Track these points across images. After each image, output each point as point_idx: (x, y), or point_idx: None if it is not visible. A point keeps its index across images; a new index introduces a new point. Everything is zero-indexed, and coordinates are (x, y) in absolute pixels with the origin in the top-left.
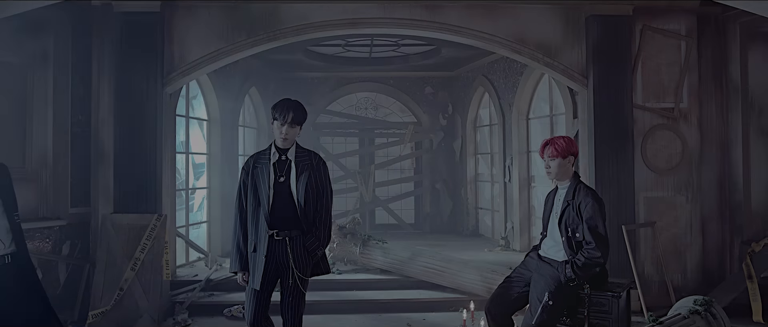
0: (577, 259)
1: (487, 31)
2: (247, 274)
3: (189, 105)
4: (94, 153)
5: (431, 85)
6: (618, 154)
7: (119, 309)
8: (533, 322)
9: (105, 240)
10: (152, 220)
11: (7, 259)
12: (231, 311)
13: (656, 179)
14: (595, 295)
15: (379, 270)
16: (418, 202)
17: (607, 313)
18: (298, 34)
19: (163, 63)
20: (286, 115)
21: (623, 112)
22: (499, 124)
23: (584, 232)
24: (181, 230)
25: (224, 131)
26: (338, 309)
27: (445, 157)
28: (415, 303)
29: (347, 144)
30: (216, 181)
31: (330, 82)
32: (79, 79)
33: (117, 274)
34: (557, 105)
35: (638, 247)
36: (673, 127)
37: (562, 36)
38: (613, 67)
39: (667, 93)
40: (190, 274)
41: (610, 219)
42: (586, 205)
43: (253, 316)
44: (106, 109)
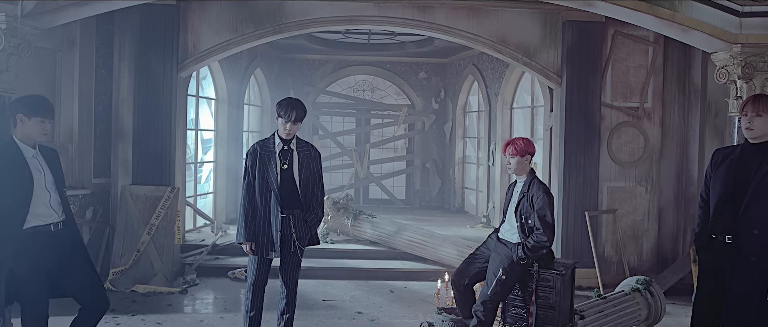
0: (528, 241)
1: (472, 32)
2: (252, 244)
3: (199, 85)
4: (115, 130)
5: (425, 70)
6: (586, 147)
7: (136, 268)
8: (489, 292)
9: (124, 208)
10: (166, 192)
11: (59, 225)
12: (234, 273)
13: (619, 171)
14: (542, 272)
15: (368, 241)
16: (409, 179)
17: (552, 287)
18: (300, 28)
19: (178, 50)
20: (289, 113)
21: (592, 110)
22: (486, 111)
23: (535, 220)
24: (189, 200)
25: (230, 110)
26: (330, 275)
27: (435, 138)
28: (398, 272)
29: (345, 123)
30: (222, 156)
31: (330, 64)
32: (102, 63)
33: (134, 237)
34: (538, 97)
35: (600, 231)
36: (637, 125)
37: (540, 38)
38: (586, 68)
39: (634, 93)
40: (197, 239)
41: (575, 206)
42: (537, 198)
43: (257, 277)
44: (126, 91)
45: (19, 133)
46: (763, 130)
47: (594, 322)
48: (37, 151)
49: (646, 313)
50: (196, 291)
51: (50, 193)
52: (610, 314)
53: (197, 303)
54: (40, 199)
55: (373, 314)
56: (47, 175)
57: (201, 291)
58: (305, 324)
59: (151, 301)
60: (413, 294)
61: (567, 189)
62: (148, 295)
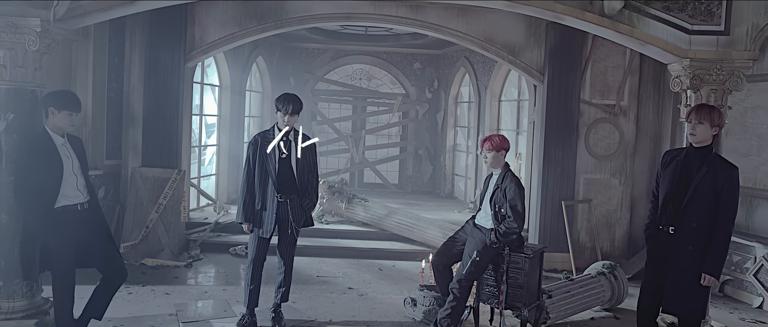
0: (500, 228)
1: (461, 30)
2: (251, 225)
3: (204, 72)
4: (126, 115)
5: (420, 61)
6: (564, 140)
7: (145, 243)
8: (464, 272)
9: (134, 188)
10: (173, 174)
11: (85, 205)
12: (235, 250)
13: (595, 164)
14: (512, 255)
15: (360, 223)
16: (402, 165)
17: (521, 269)
18: (300, 23)
19: (185, 42)
20: (287, 107)
21: (572, 106)
22: (476, 103)
23: (507, 209)
24: (193, 181)
25: (233, 96)
26: (324, 253)
27: (428, 127)
28: (388, 252)
29: (342, 110)
30: (225, 140)
31: (329, 53)
32: (114, 52)
33: (143, 215)
34: (523, 92)
35: (576, 219)
36: (613, 121)
37: (524, 38)
38: (567, 67)
39: (611, 91)
40: (200, 218)
41: (553, 195)
42: (510, 189)
43: (256, 254)
44: (137, 79)
45: (50, 124)
46: (704, 135)
47: (560, 301)
48: (65, 140)
49: (610, 294)
50: (200, 265)
51: (77, 177)
52: (576, 294)
53: (201, 276)
54: (69, 182)
55: (362, 290)
56: (74, 161)
57: (204, 265)
58: (300, 297)
59: (159, 273)
60: (400, 272)
61: (546, 179)
62: (156, 268)
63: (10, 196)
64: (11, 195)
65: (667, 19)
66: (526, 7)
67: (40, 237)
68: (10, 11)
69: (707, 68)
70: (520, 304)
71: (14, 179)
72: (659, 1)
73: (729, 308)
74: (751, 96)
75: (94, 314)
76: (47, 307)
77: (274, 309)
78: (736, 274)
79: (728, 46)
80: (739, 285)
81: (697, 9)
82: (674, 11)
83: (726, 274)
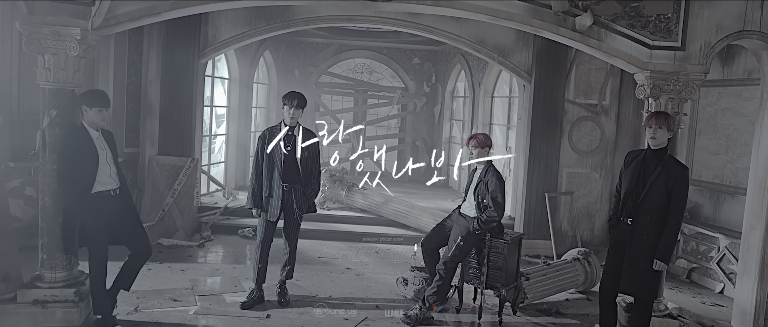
0: (482, 216)
1: (454, 33)
2: (260, 210)
3: (214, 66)
4: (144, 107)
5: (418, 56)
6: (549, 137)
7: (161, 224)
8: (449, 255)
9: (151, 174)
10: (187, 163)
11: (117, 191)
12: (243, 232)
13: (578, 159)
14: (493, 241)
15: (359, 209)
16: (400, 155)
17: (500, 253)
18: (306, 24)
19: (199, 40)
20: (292, 101)
21: (556, 105)
22: (470, 98)
23: (489, 200)
24: (204, 168)
25: (241, 88)
26: (326, 237)
27: (425, 119)
28: (384, 236)
29: (344, 102)
30: (233, 129)
31: (332, 48)
32: (133, 49)
33: (160, 199)
34: (514, 89)
35: (558, 210)
36: (595, 119)
37: (514, 41)
38: (552, 69)
39: (594, 92)
40: (211, 202)
41: (538, 187)
42: (491, 182)
43: (264, 236)
44: (154, 73)
45: (86, 120)
46: (662, 139)
47: (537, 283)
48: (99, 134)
49: (584, 278)
50: (211, 245)
51: (110, 166)
52: (553, 277)
53: (212, 255)
54: (103, 170)
55: (359, 270)
56: (107, 152)
57: (215, 245)
58: (303, 276)
59: (174, 252)
60: (395, 255)
61: (531, 172)
62: (171, 247)
63: (53, 183)
64: (54, 181)
65: (631, 35)
66: (508, 21)
67: (79, 218)
68: (54, 21)
69: (666, 79)
70: (500, 284)
71: (56, 168)
72: (624, 19)
73: (693, 293)
74: (721, 99)
75: (123, 285)
76: (83, 278)
77: (280, 285)
78: (702, 262)
79: (684, 60)
80: (705, 272)
81: (658, 27)
82: (637, 28)
83: (693, 262)
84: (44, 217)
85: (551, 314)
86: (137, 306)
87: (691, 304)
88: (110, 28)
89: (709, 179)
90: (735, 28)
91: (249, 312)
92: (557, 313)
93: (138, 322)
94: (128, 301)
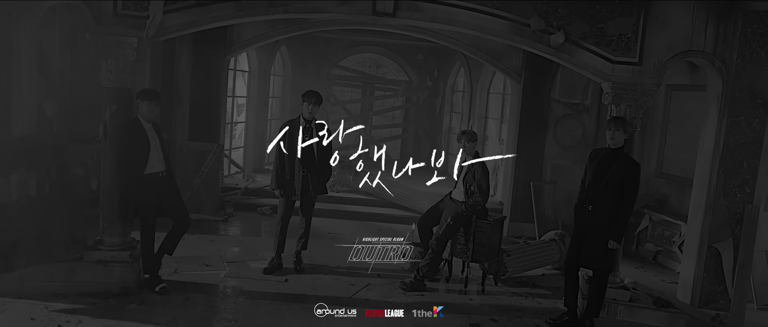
0: (469, 201)
1: (452, 37)
2: (281, 191)
3: (236, 60)
4: (175, 98)
5: (422, 52)
6: (536, 132)
7: (190, 202)
8: (440, 232)
9: (182, 158)
10: (214, 148)
11: (164, 173)
12: (262, 210)
13: (561, 152)
14: (478, 221)
15: (365, 193)
16: (404, 144)
17: (484, 232)
18: (321, 26)
19: (225, 39)
20: (311, 99)
21: (543, 103)
22: (468, 93)
23: (475, 187)
24: (226, 152)
25: (260, 80)
26: (335, 216)
27: (427, 111)
28: (387, 216)
29: (352, 93)
30: (252, 118)
31: (343, 43)
32: (167, 46)
33: (189, 180)
34: (508, 87)
35: (542, 197)
36: (577, 117)
37: (505, 46)
38: (540, 71)
39: (577, 91)
40: (232, 183)
41: (524, 177)
42: (477, 172)
43: (284, 213)
44: (184, 68)
45: (140, 113)
46: (619, 140)
47: (517, 259)
48: (151, 125)
49: (559, 256)
50: (233, 220)
51: (159, 152)
52: (531, 255)
53: (234, 229)
54: (154, 156)
55: (362, 244)
56: (157, 141)
57: (237, 221)
58: (315, 248)
59: (202, 225)
60: (395, 232)
61: (519, 163)
62: (199, 221)
63: (114, 165)
64: (114, 164)
65: (596, 51)
66: (493, 37)
67: (133, 195)
68: (117, 31)
69: (625, 89)
70: (483, 258)
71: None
72: (591, 38)
73: (656, 272)
74: (688, 103)
75: (167, 250)
76: (135, 244)
77: (296, 255)
78: (666, 246)
79: (640, 74)
80: (668, 255)
81: (619, 45)
82: (602, 45)
83: (659, 245)
84: (105, 192)
85: (528, 286)
86: (176, 269)
87: (653, 282)
88: (160, 36)
89: (676, 173)
90: (684, 48)
91: (270, 276)
92: (533, 285)
93: (179, 282)
94: (169, 264)
